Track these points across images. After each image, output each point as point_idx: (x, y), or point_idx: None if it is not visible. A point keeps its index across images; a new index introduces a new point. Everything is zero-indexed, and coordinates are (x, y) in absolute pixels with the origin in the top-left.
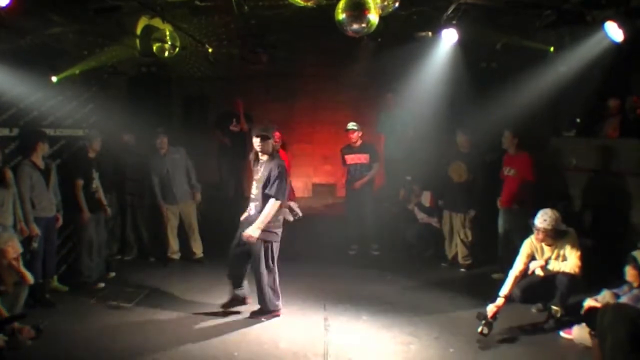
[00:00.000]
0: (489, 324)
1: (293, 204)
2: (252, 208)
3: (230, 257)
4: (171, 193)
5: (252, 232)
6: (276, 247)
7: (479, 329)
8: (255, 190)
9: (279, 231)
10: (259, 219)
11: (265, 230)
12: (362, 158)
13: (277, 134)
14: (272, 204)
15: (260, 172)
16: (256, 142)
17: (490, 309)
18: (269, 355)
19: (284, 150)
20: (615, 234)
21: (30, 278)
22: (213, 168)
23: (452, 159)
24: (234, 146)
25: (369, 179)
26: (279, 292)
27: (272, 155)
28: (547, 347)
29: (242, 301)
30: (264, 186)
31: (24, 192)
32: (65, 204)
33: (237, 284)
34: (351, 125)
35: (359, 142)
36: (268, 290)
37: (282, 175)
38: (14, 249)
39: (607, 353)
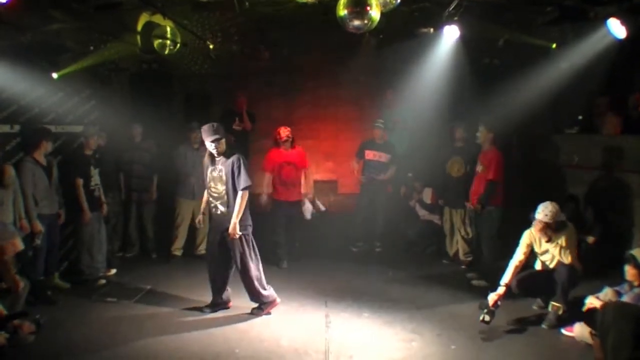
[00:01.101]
0: (490, 312)
1: (316, 201)
2: (217, 206)
3: (213, 263)
4: (190, 189)
5: (233, 229)
6: (252, 238)
7: (481, 317)
8: (219, 187)
9: (251, 222)
10: (234, 214)
11: (241, 224)
12: (382, 156)
13: (285, 129)
14: (242, 196)
15: (218, 171)
16: (211, 147)
17: (492, 297)
18: (270, 352)
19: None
20: (617, 232)
21: (20, 285)
22: None
23: (449, 155)
24: (237, 144)
25: (389, 176)
26: (265, 282)
27: (227, 153)
28: (549, 344)
29: (225, 304)
30: (233, 183)
31: (27, 188)
32: (66, 201)
33: (222, 288)
34: (379, 123)
35: (382, 140)
36: (257, 285)
37: (242, 166)
38: (14, 246)
39: (609, 351)
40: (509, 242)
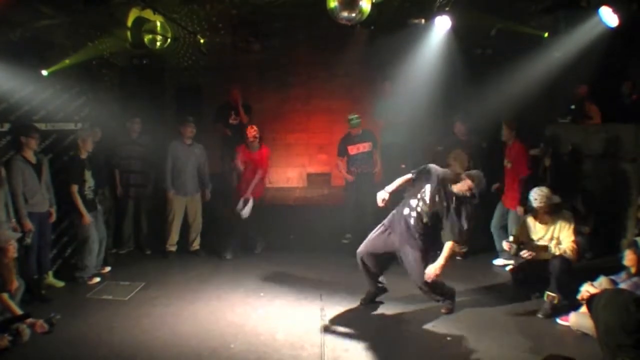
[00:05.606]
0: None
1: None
2: None
3: None
4: (182, 184)
5: None
6: None
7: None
8: None
9: None
10: None
11: None
12: (365, 146)
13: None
14: None
15: None
16: None
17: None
18: (265, 346)
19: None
20: (612, 220)
21: (14, 285)
22: (211, 160)
23: (451, 147)
24: (236, 138)
25: (379, 167)
26: None
27: None
28: (544, 334)
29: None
30: None
31: (17, 187)
32: (60, 200)
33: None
34: (355, 119)
35: (359, 130)
36: None
37: None
38: (15, 247)
39: (600, 337)
40: None
